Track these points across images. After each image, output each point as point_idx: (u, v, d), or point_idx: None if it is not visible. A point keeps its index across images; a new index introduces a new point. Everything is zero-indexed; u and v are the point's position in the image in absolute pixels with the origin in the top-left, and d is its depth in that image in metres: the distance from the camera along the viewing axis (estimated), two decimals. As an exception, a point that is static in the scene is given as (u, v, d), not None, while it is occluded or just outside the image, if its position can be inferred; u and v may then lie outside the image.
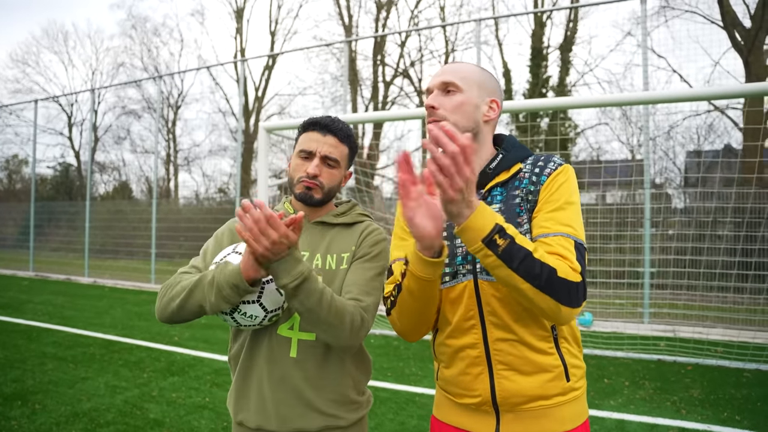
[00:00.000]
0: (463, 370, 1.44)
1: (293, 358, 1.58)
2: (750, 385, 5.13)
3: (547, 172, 1.41)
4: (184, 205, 19.83)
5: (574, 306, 1.25)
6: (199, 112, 27.84)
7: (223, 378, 5.07)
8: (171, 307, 1.52)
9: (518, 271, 1.21)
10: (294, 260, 1.37)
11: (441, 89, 1.47)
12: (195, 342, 6.65)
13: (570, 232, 1.32)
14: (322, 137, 1.67)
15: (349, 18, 23.47)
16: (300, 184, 1.66)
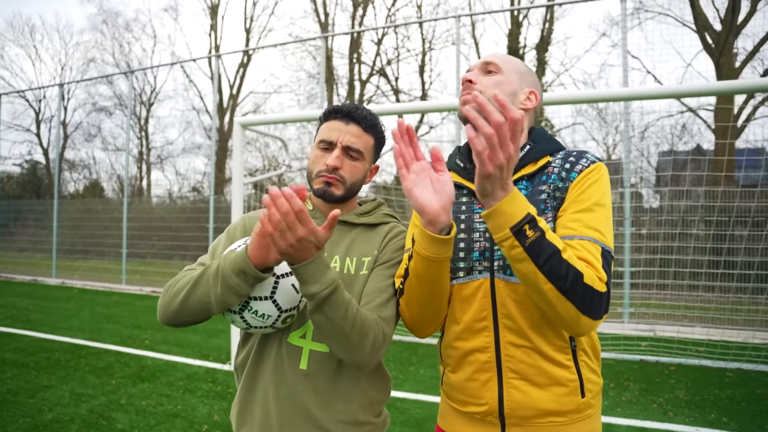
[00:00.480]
0: (471, 375, 1.35)
1: (303, 371, 1.42)
2: (733, 384, 5.10)
3: (578, 169, 1.31)
4: (157, 204, 19.39)
5: (595, 317, 1.16)
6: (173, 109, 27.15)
7: (195, 384, 4.85)
8: (173, 305, 1.35)
9: (543, 269, 1.12)
10: (323, 265, 1.21)
11: (482, 69, 1.42)
12: (167, 346, 6.40)
13: (598, 238, 1.22)
14: (344, 126, 1.51)
15: (325, 16, 23.21)
16: (319, 178, 1.50)
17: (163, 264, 14.37)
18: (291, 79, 27.37)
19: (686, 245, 7.12)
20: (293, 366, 1.42)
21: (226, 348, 6.25)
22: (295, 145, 17.51)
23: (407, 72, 23.44)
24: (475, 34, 19.96)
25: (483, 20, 19.96)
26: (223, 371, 5.35)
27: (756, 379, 5.30)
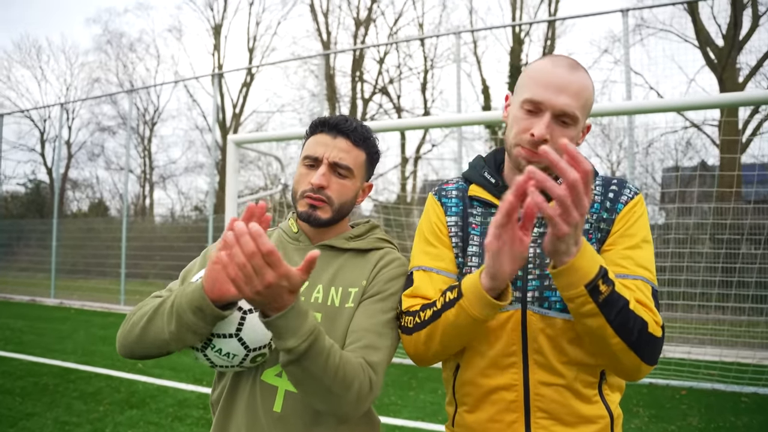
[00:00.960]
0: (493, 416, 1.24)
1: (277, 414, 1.26)
2: (750, 411, 4.87)
3: (624, 200, 1.25)
4: (159, 223, 19.34)
5: (654, 363, 1.13)
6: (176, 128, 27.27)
7: (186, 411, 4.65)
8: (131, 337, 1.21)
9: (613, 324, 1.06)
10: (300, 314, 1.03)
11: (555, 117, 1.20)
12: (160, 369, 6.21)
13: (649, 277, 1.18)
14: (331, 140, 1.35)
15: (327, 35, 23.35)
16: (303, 199, 1.35)
17: (164, 284, 14.11)
18: (293, 98, 27.53)
19: (696, 263, 6.92)
20: (267, 407, 1.26)
21: (221, 371, 6.07)
22: (294, 165, 17.44)
23: (409, 90, 23.53)
24: (477, 51, 20.02)
25: (485, 38, 20.03)
26: (217, 396, 5.16)
27: (773, 404, 5.07)
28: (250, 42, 24.77)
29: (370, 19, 22.73)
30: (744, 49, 15.89)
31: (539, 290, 1.21)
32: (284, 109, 23.57)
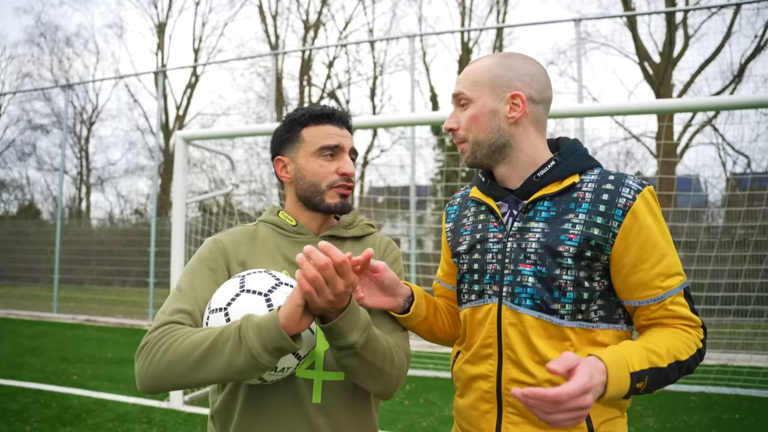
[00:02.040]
0: (473, 403, 1.28)
1: (318, 405, 1.28)
2: (699, 409, 4.98)
3: (623, 204, 1.16)
4: (96, 227, 18.41)
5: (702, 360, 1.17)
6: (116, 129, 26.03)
7: (127, 426, 4.31)
8: (168, 378, 1.12)
9: (654, 389, 1.10)
10: (356, 309, 1.13)
11: (456, 104, 1.32)
12: (98, 381, 5.79)
13: (680, 282, 1.17)
14: (339, 130, 1.40)
15: (276, 38, 22.97)
16: (333, 190, 1.37)
17: (101, 290, 13.53)
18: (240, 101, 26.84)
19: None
20: (306, 400, 1.28)
21: (164, 382, 5.71)
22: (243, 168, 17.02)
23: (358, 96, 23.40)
24: (426, 59, 20.15)
25: (434, 45, 20.21)
26: (161, 409, 4.83)
27: (719, 403, 5.21)
28: (196, 42, 24.06)
29: (319, 23, 22.52)
30: (677, 67, 16.72)
31: (512, 285, 1.22)
32: (230, 112, 22.96)
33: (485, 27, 19.51)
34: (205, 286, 1.28)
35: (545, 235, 1.19)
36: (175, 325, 1.19)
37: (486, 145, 1.25)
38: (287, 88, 21.74)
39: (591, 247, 1.16)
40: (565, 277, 1.17)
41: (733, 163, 13.20)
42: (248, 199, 17.92)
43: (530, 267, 1.19)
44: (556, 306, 1.17)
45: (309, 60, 21.76)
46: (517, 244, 1.22)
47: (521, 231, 1.23)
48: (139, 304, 11.79)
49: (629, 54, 17.43)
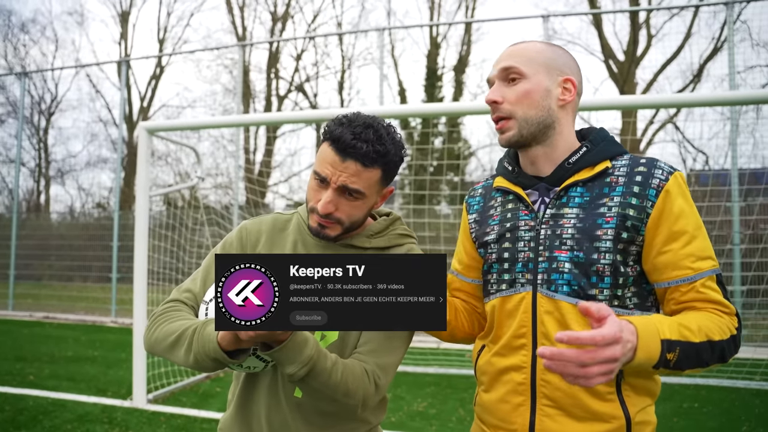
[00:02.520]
0: (503, 396, 1.26)
1: (296, 399, 1.33)
2: (661, 400, 5.08)
3: (656, 185, 1.17)
4: (56, 221, 17.85)
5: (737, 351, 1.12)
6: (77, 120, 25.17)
7: (87, 427, 4.17)
8: (158, 349, 1.30)
9: (686, 368, 1.07)
10: (297, 345, 1.12)
11: (503, 78, 1.26)
12: (56, 381, 5.59)
13: (712, 266, 1.15)
14: (340, 162, 1.24)
15: (243, 30, 22.60)
16: (313, 215, 1.31)
17: (62, 286, 13.12)
18: (206, 93, 26.32)
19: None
20: (288, 393, 1.33)
21: (128, 381, 5.51)
22: (209, 161, 16.72)
23: (326, 89, 23.20)
24: (395, 54, 20.11)
25: (402, 39, 20.18)
26: (123, 408, 4.69)
27: (680, 393, 5.35)
28: (161, 33, 23.49)
29: (287, 15, 22.25)
30: (641, 65, 17.11)
31: (548, 273, 1.21)
32: (195, 105, 22.48)
33: (454, 21, 19.57)
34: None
35: (581, 220, 1.19)
36: (178, 304, 1.34)
37: (535, 123, 1.23)
38: (254, 81, 21.45)
39: (627, 228, 1.16)
40: (602, 262, 1.16)
41: (693, 160, 13.57)
42: (214, 193, 17.62)
43: (566, 253, 1.19)
44: (594, 291, 1.17)
45: (277, 52, 21.50)
46: (552, 231, 1.22)
47: (555, 217, 1.23)
48: (101, 300, 11.48)
49: (595, 52, 17.75)
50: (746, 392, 5.39)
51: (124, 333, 8.83)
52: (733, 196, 7.05)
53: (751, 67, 11.07)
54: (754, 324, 7.24)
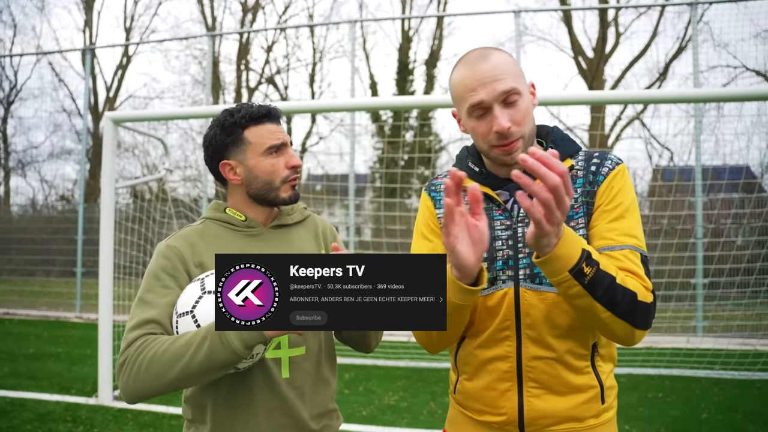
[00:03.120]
0: (489, 384, 1.32)
1: (286, 379, 1.42)
2: (626, 389, 5.21)
3: (605, 172, 1.29)
4: (17, 214, 17.31)
5: (647, 328, 1.18)
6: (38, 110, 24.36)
7: (49, 426, 4.06)
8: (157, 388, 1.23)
9: (601, 300, 1.11)
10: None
11: (501, 102, 1.24)
12: (17, 379, 5.43)
13: (636, 244, 1.23)
14: (276, 127, 1.48)
15: (212, 20, 22.20)
16: (286, 184, 1.48)
17: (23, 281, 12.75)
18: (174, 84, 25.79)
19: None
20: (277, 377, 1.41)
21: (92, 377, 5.40)
22: (177, 153, 16.43)
23: (296, 82, 22.97)
24: (366, 47, 20.02)
25: (374, 33, 20.10)
26: (88, 406, 4.59)
27: (645, 383, 5.48)
28: (127, 21, 22.91)
29: (258, 6, 21.93)
30: (609, 62, 17.42)
31: (530, 267, 1.27)
32: (164, 96, 22.01)
33: (426, 15, 19.57)
34: (169, 292, 1.34)
35: None
36: (148, 336, 1.27)
37: (532, 137, 1.29)
38: (224, 72, 21.12)
39: (589, 214, 1.27)
40: None
41: (658, 156, 13.90)
42: (183, 186, 17.31)
43: None
44: None
45: (247, 44, 21.19)
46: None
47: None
48: (65, 295, 11.19)
49: (565, 48, 17.99)
50: (706, 381, 5.55)
51: (89, 328, 8.63)
52: (697, 192, 7.25)
53: (713, 67, 11.39)
54: (714, 315, 7.47)
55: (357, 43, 19.70)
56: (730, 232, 8.30)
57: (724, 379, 5.61)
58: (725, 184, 7.58)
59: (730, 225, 8.18)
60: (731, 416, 4.42)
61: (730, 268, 6.89)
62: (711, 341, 6.90)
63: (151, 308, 1.32)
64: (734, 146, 8.21)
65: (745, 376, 5.65)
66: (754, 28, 9.47)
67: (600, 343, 1.28)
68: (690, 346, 6.70)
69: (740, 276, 6.86)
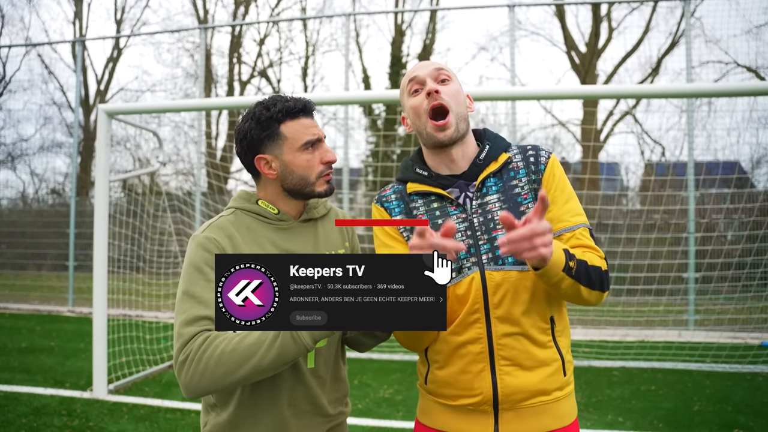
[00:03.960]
0: (463, 368, 1.40)
1: (311, 369, 1.47)
2: (621, 383, 5.27)
3: (543, 161, 1.46)
4: (7, 208, 17.15)
5: (608, 289, 1.38)
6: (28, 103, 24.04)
7: (44, 420, 4.05)
8: (223, 384, 1.25)
9: (583, 283, 1.31)
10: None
11: (434, 77, 1.47)
12: (9, 373, 5.40)
13: (585, 221, 1.44)
14: (311, 121, 1.50)
15: (204, 12, 22.01)
16: (321, 179, 1.49)
17: (14, 275, 12.64)
18: (166, 77, 25.56)
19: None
20: (303, 367, 1.45)
21: (87, 371, 5.38)
22: (170, 147, 16.32)
23: (289, 75, 22.86)
24: (359, 41, 19.94)
25: (367, 27, 20.02)
26: (83, 400, 4.57)
27: (638, 376, 5.53)
28: (118, 13, 22.67)
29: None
30: (602, 57, 17.45)
31: (491, 251, 1.39)
32: (155, 89, 21.81)
33: (419, 9, 19.51)
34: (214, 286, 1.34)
35: (504, 202, 1.42)
36: (206, 333, 1.28)
37: (464, 119, 1.46)
38: (216, 66, 20.96)
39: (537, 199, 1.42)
40: None
41: (650, 151, 13.96)
42: (175, 179, 17.20)
43: (502, 231, 1.38)
44: None
45: (239, 37, 21.05)
46: (483, 217, 1.42)
47: (482, 206, 1.43)
48: (57, 288, 11.10)
49: (558, 43, 18.00)
50: (698, 374, 5.61)
51: (82, 322, 8.58)
52: (689, 187, 7.29)
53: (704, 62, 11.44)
54: (706, 309, 7.54)
55: (350, 36, 19.64)
56: (722, 227, 8.37)
57: (716, 372, 5.68)
58: (717, 179, 7.64)
59: (721, 220, 8.24)
60: (722, 408, 4.48)
61: (721, 263, 6.95)
62: (703, 335, 6.97)
63: (201, 304, 1.32)
64: (725, 141, 8.27)
65: (736, 369, 5.72)
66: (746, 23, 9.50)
67: (556, 317, 1.42)
68: (682, 340, 6.76)
69: (732, 270, 6.92)
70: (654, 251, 7.11)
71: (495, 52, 19.93)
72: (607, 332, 7.23)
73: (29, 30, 25.61)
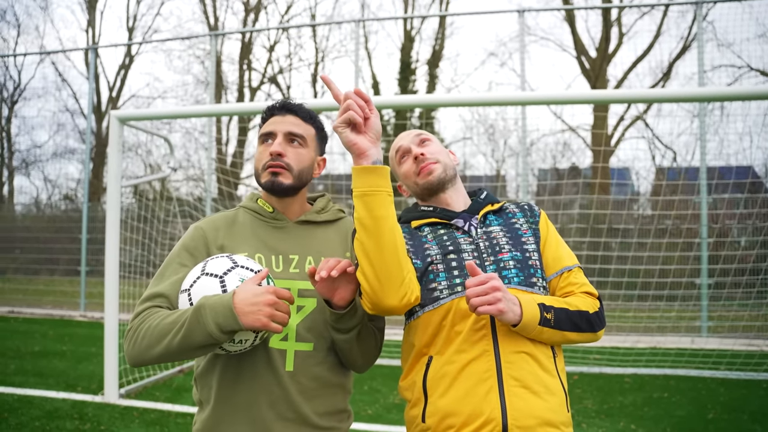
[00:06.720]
0: (470, 390, 1.35)
1: (289, 372, 1.46)
2: (633, 390, 5.21)
3: (537, 211, 1.63)
4: (21, 213, 17.33)
5: (603, 326, 1.47)
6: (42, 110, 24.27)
7: (56, 423, 4.07)
8: (149, 357, 1.36)
9: (565, 328, 1.39)
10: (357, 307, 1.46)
11: (416, 144, 1.61)
12: (23, 377, 5.44)
13: (576, 261, 1.57)
14: (281, 118, 1.55)
15: (215, 19, 22.19)
16: (265, 171, 1.50)
17: (27, 280, 12.76)
18: (177, 84, 25.79)
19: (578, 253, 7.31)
20: (280, 368, 1.45)
21: (98, 375, 5.41)
22: (180, 153, 16.44)
23: (299, 81, 22.95)
24: (368, 47, 19.99)
25: (376, 32, 20.07)
26: (95, 404, 4.59)
27: (650, 383, 5.47)
28: (130, 21, 22.90)
29: (260, 5, 21.91)
30: (612, 62, 17.37)
31: (498, 271, 1.45)
32: (166, 95, 22.00)
33: (429, 15, 19.54)
34: (183, 270, 1.45)
35: (506, 232, 1.53)
36: (152, 309, 1.39)
37: (451, 168, 1.60)
38: (227, 72, 21.11)
39: (537, 236, 1.56)
40: (534, 258, 1.51)
41: (661, 156, 13.87)
42: (186, 185, 17.31)
43: (507, 254, 1.48)
44: (534, 279, 1.48)
45: (249, 43, 21.19)
46: (489, 242, 1.51)
47: (486, 233, 1.54)
48: (69, 293, 11.19)
49: (568, 48, 17.95)
50: (712, 381, 5.54)
51: (94, 327, 8.64)
52: (702, 192, 7.22)
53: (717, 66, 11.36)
54: (720, 316, 7.45)
55: (359, 42, 19.69)
56: (735, 233, 8.28)
57: (730, 380, 5.60)
58: (730, 184, 7.56)
59: (735, 225, 8.16)
60: (738, 416, 4.41)
61: (735, 269, 6.86)
62: (716, 342, 6.89)
63: (164, 282, 1.45)
64: (738, 146, 8.19)
65: (752, 377, 5.64)
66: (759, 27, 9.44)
67: (556, 348, 1.46)
68: (695, 347, 6.69)
69: (746, 276, 6.84)
70: (665, 256, 7.05)
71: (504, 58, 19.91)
72: (618, 338, 7.16)
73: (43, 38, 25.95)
